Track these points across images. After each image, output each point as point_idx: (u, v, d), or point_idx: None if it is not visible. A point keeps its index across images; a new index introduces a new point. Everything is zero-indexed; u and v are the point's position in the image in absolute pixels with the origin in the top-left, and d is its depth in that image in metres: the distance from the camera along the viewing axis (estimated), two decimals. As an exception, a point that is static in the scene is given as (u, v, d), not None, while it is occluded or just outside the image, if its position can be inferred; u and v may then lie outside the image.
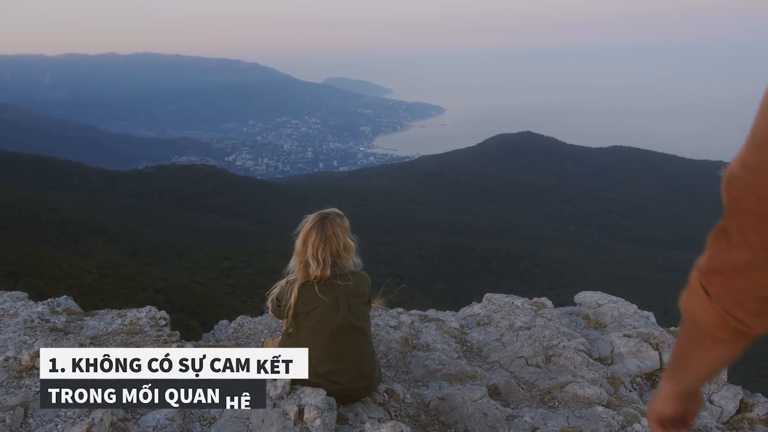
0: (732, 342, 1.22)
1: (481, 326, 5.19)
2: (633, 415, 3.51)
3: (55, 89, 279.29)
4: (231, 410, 3.16)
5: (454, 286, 56.53)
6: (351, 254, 3.41)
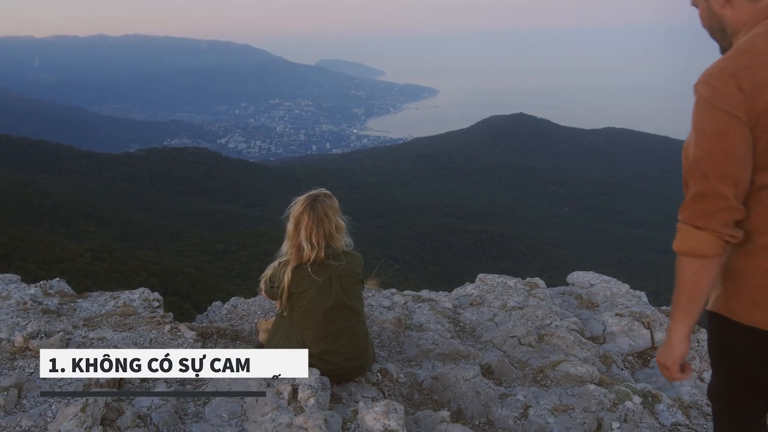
0: (723, 254, 1.89)
1: (474, 306, 5.21)
2: (625, 393, 3.54)
3: (45, 72, 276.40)
4: (225, 390, 3.18)
5: (448, 268, 56.70)
6: (342, 234, 3.40)
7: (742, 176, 1.83)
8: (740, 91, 1.81)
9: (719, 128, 1.82)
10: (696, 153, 1.88)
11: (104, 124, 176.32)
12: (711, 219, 1.85)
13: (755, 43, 1.87)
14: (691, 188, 1.90)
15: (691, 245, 1.89)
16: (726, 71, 1.85)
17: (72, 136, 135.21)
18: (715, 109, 1.83)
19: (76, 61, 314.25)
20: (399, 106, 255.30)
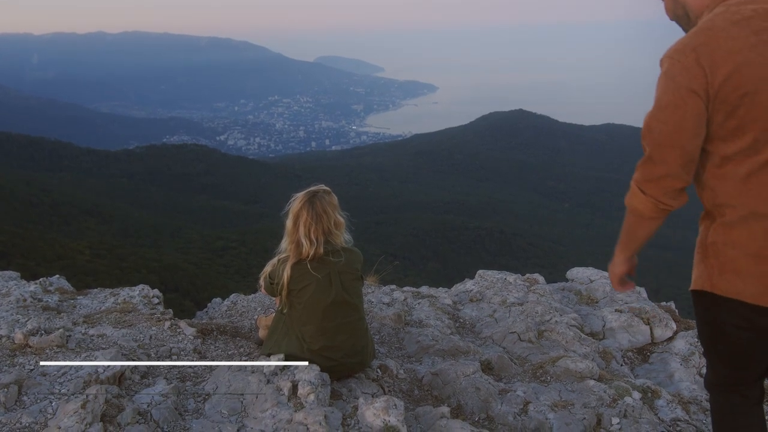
0: (659, 218, 2.14)
1: (473, 302, 5.22)
2: (624, 389, 3.54)
3: (44, 69, 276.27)
4: (225, 386, 3.18)
5: (447, 264, 56.73)
6: (342, 230, 3.40)
7: (689, 147, 1.99)
8: (699, 65, 1.93)
9: (675, 101, 1.96)
10: (651, 122, 2.04)
11: (103, 121, 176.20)
12: (654, 186, 2.06)
13: (715, 21, 1.98)
14: (645, 153, 2.09)
15: (635, 204, 2.15)
16: (688, 46, 1.97)
17: (71, 133, 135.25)
18: (674, 83, 1.97)
19: (75, 58, 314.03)
20: (398, 102, 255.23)
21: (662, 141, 2.01)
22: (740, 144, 1.97)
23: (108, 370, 3.14)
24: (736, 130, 1.96)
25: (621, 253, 2.36)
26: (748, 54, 1.91)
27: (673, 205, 2.08)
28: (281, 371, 3.24)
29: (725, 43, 1.93)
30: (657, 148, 2.03)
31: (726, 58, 1.91)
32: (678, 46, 2.01)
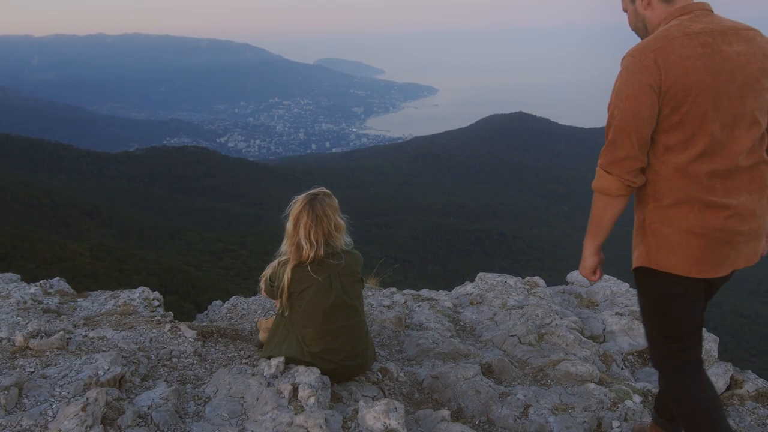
0: (625, 196, 2.41)
1: (474, 305, 5.22)
2: (625, 392, 3.54)
3: (44, 71, 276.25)
4: (225, 389, 3.18)
5: (447, 267, 56.70)
6: (342, 233, 3.40)
7: (643, 133, 2.32)
8: (656, 65, 2.27)
9: (634, 94, 2.29)
10: (614, 111, 2.37)
11: (104, 123, 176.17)
12: (618, 166, 2.36)
13: (671, 31, 2.33)
14: (607, 137, 2.40)
15: (602, 185, 2.43)
16: (647, 48, 2.31)
17: (71, 135, 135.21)
18: (635, 78, 2.29)
19: (76, 60, 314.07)
20: (398, 104, 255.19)
21: (624, 127, 2.33)
22: (680, 137, 2.32)
23: (108, 373, 3.14)
24: (678, 125, 2.30)
25: (592, 243, 2.59)
26: (696, 61, 2.26)
27: (635, 182, 2.38)
28: (282, 374, 3.24)
29: (678, 49, 2.28)
30: (619, 133, 2.35)
31: (678, 62, 2.26)
32: (639, 47, 2.34)
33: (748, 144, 2.34)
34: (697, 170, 2.32)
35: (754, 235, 2.42)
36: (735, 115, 2.30)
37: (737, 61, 2.30)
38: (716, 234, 2.35)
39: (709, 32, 2.31)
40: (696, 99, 2.26)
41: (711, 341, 4.48)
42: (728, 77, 2.28)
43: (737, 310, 48.01)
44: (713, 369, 4.23)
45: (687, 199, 2.35)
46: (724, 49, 2.30)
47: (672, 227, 2.39)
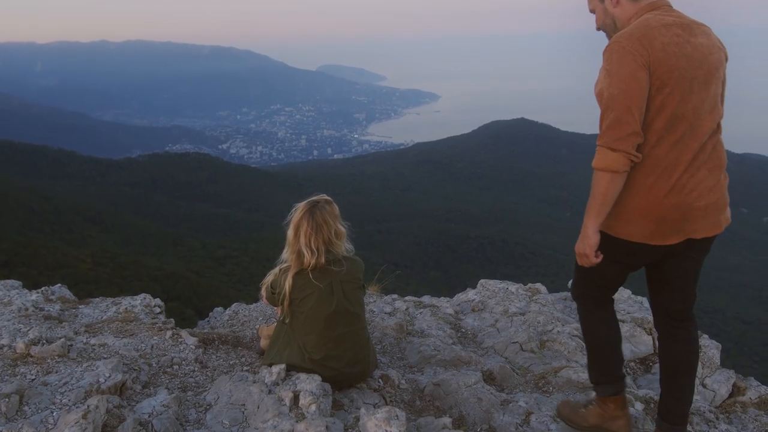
0: (628, 171, 2.54)
1: (475, 312, 5.21)
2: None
3: (47, 77, 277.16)
4: (226, 397, 3.17)
5: (449, 273, 56.60)
6: (343, 240, 3.40)
7: (642, 109, 2.49)
8: (644, 47, 2.48)
9: (632, 71, 2.47)
10: (612, 91, 2.49)
11: (106, 129, 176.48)
12: (622, 142, 2.48)
13: (649, 21, 2.56)
14: (608, 117, 2.51)
15: (608, 163, 2.52)
16: (633, 36, 2.52)
17: (74, 141, 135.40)
18: (627, 59, 2.47)
19: (79, 66, 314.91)
20: (400, 111, 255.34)
21: (626, 104, 2.47)
22: (658, 119, 2.54)
23: (109, 380, 3.14)
24: (659, 106, 2.52)
25: (594, 222, 2.65)
26: (674, 48, 2.50)
27: (638, 157, 2.53)
28: (283, 381, 3.24)
29: (659, 36, 2.51)
30: (624, 111, 2.47)
31: (660, 47, 2.49)
32: (624, 35, 2.54)
33: (712, 126, 2.62)
34: (668, 148, 2.56)
35: (713, 208, 2.67)
36: (702, 99, 2.57)
37: (702, 51, 2.57)
38: (673, 210, 2.60)
39: (679, 25, 2.58)
40: (677, 81, 2.50)
41: (713, 348, 4.46)
42: (697, 65, 2.54)
43: (740, 316, 47.90)
44: (715, 376, 4.22)
45: (651, 176, 2.58)
46: (692, 41, 2.56)
47: (634, 201, 2.62)
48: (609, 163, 2.52)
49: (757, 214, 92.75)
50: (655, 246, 2.68)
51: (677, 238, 2.67)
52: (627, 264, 2.84)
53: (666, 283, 2.89)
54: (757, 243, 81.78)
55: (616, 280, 2.94)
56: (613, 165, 2.51)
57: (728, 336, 39.80)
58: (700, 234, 2.69)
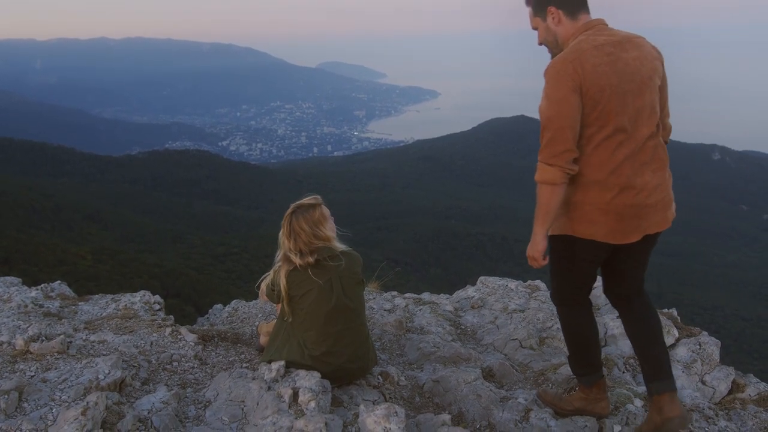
0: (564, 184, 2.84)
1: (475, 309, 5.21)
2: (626, 396, 3.53)
3: (47, 74, 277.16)
4: (226, 393, 3.17)
5: (449, 270, 56.64)
6: (329, 242, 3.39)
7: (576, 128, 2.79)
8: (576, 72, 2.75)
9: (563, 96, 2.75)
10: (548, 113, 2.79)
11: (106, 126, 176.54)
12: (558, 158, 2.79)
13: (581, 45, 2.83)
14: (545, 137, 2.81)
15: (546, 177, 2.84)
16: (567, 60, 2.79)
17: (74, 138, 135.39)
18: (561, 85, 2.76)
19: (78, 63, 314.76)
20: (400, 108, 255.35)
21: (560, 125, 2.76)
22: (598, 129, 2.81)
23: (108, 377, 3.14)
24: (596, 120, 2.79)
25: (541, 229, 2.98)
26: (605, 68, 2.77)
27: (573, 170, 2.82)
28: (282, 378, 3.24)
29: (590, 59, 2.77)
30: (558, 131, 2.77)
31: (591, 69, 2.75)
32: (559, 60, 2.81)
33: (649, 131, 2.89)
34: (612, 156, 2.83)
35: (661, 205, 2.96)
36: (638, 109, 2.83)
37: (634, 65, 2.84)
38: (628, 209, 2.87)
39: (611, 43, 2.85)
40: (609, 97, 2.77)
41: (713, 345, 4.46)
42: (629, 78, 2.80)
43: (739, 313, 47.95)
44: (714, 373, 4.22)
45: (605, 181, 2.85)
46: (623, 56, 2.83)
47: (593, 205, 2.88)
48: (547, 177, 2.84)
49: (756, 212, 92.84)
50: (617, 245, 2.96)
51: (636, 236, 2.94)
52: (596, 261, 3.09)
53: (620, 272, 3.19)
54: (756, 240, 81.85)
55: (590, 276, 3.19)
56: (551, 179, 2.83)
57: (728, 333, 39.87)
58: (653, 230, 2.98)
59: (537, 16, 3.04)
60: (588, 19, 2.96)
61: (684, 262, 65.65)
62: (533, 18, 3.06)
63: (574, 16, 2.95)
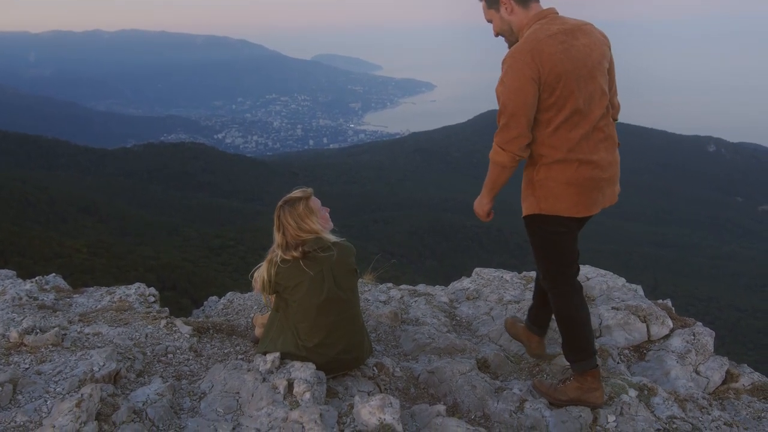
0: (514, 167, 3.10)
1: (470, 300, 5.22)
2: (620, 386, 3.54)
3: (41, 67, 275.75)
4: (220, 385, 3.17)
5: (445, 262, 56.67)
6: (317, 235, 3.38)
7: (530, 116, 3.00)
8: (533, 62, 2.94)
9: (521, 86, 2.95)
10: (505, 101, 3.00)
11: (100, 119, 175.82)
12: (511, 144, 3.02)
13: (537, 34, 3.02)
14: (501, 122, 3.04)
15: (498, 160, 3.10)
16: (524, 50, 2.98)
17: (68, 131, 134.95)
18: (518, 74, 2.95)
19: (72, 56, 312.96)
20: (396, 100, 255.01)
21: (515, 112, 2.97)
22: (556, 112, 3.01)
23: (103, 369, 3.14)
24: (553, 105, 3.00)
25: (489, 195, 3.30)
26: (560, 55, 2.95)
27: (524, 155, 3.07)
28: (277, 369, 3.24)
29: (546, 48, 2.95)
30: (512, 118, 2.99)
31: (548, 57, 2.94)
32: (517, 50, 3.01)
33: (601, 112, 3.11)
34: (570, 136, 3.05)
35: (613, 180, 3.24)
36: (591, 92, 3.05)
37: (584, 51, 3.04)
38: (588, 183, 3.11)
39: (563, 32, 3.04)
40: (564, 83, 2.97)
41: (707, 335, 4.48)
42: (581, 64, 3.01)
43: (734, 304, 48.12)
44: (708, 363, 4.24)
45: (565, 159, 3.07)
46: (575, 44, 3.03)
47: (556, 181, 3.10)
48: (498, 160, 3.09)
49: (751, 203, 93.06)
50: (580, 219, 3.22)
51: (596, 209, 3.21)
52: (568, 236, 3.29)
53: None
54: (751, 232, 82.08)
55: (571, 252, 3.36)
56: (501, 162, 3.09)
57: (723, 324, 40.00)
58: (608, 203, 3.26)
59: (491, 9, 3.22)
60: (539, 8, 3.15)
61: (679, 254, 65.83)
62: (487, 11, 3.24)
63: (526, 5, 3.12)
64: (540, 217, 3.20)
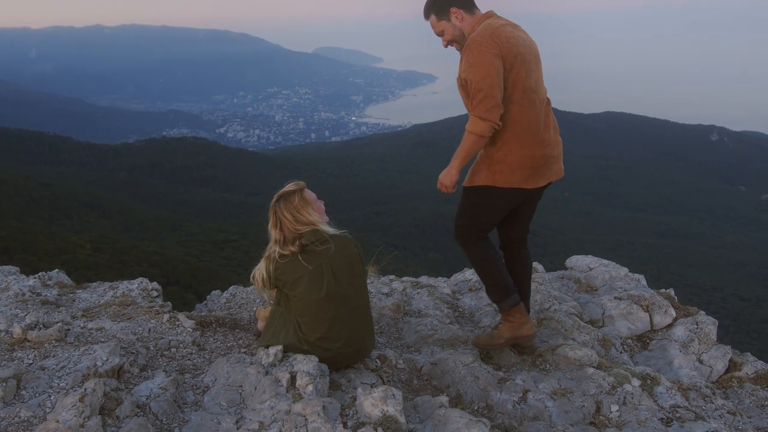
0: (489, 135, 3.38)
1: (473, 292, 5.21)
2: (623, 376, 3.54)
3: (42, 63, 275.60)
4: (224, 378, 3.18)
5: (448, 255, 56.58)
6: (315, 226, 3.37)
7: (501, 87, 3.30)
8: (495, 43, 3.28)
9: (489, 60, 3.26)
10: (478, 78, 3.27)
11: (102, 114, 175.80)
12: (490, 113, 3.28)
13: (491, 23, 3.41)
14: (479, 96, 3.28)
15: (477, 129, 3.34)
16: (484, 35, 3.32)
17: (70, 127, 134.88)
18: (486, 52, 3.27)
19: (73, 51, 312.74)
20: (397, 92, 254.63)
21: (491, 84, 3.25)
22: (514, 91, 3.35)
23: (106, 364, 3.14)
24: (513, 83, 3.33)
25: (459, 166, 3.54)
26: (514, 40, 3.34)
27: (499, 125, 3.35)
28: (280, 362, 3.24)
29: (503, 33, 3.33)
30: (488, 89, 3.25)
31: (505, 39, 3.31)
32: (479, 36, 3.33)
33: (545, 96, 3.52)
34: (526, 114, 3.39)
35: (558, 157, 3.64)
36: (537, 77, 3.45)
37: (528, 41, 3.46)
38: (540, 160, 3.48)
39: (509, 24, 3.46)
40: (520, 63, 3.33)
41: (710, 324, 4.48)
42: (528, 51, 3.40)
43: (738, 293, 48.09)
44: (712, 352, 4.24)
45: (522, 135, 3.41)
46: (521, 35, 3.44)
47: (512, 155, 3.43)
48: (478, 130, 3.33)
49: (755, 192, 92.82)
50: (528, 189, 3.55)
51: (543, 182, 3.59)
52: (506, 208, 3.66)
53: (518, 219, 3.82)
54: (754, 220, 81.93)
55: (494, 223, 3.77)
56: (481, 131, 3.33)
57: (727, 313, 40.01)
58: (554, 177, 3.66)
59: (441, 20, 3.54)
60: (480, 12, 3.53)
61: (682, 243, 65.74)
62: (437, 23, 3.55)
63: (471, 11, 3.51)
64: (490, 189, 3.54)
